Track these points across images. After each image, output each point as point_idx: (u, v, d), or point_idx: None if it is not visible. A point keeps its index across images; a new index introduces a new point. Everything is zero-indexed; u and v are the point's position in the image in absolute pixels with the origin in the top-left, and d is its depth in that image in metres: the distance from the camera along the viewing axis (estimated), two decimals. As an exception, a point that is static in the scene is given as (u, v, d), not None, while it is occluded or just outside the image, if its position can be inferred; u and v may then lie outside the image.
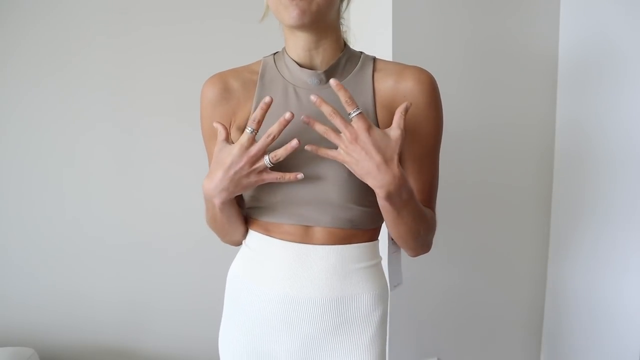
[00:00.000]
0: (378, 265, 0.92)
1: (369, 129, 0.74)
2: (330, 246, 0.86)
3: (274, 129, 0.77)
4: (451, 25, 1.44)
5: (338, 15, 0.87)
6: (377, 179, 0.75)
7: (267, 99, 0.78)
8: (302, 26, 0.79)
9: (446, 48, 1.44)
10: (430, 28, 1.42)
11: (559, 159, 1.59)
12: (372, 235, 0.91)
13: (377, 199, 0.80)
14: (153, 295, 1.71)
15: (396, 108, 0.84)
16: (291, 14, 0.77)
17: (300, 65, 0.86)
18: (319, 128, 0.76)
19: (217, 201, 0.83)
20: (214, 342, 0.99)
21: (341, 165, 0.81)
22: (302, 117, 0.76)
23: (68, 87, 1.56)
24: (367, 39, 1.48)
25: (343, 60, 0.86)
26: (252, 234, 0.92)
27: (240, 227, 0.93)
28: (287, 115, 0.76)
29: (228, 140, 0.81)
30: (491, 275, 1.60)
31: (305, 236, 0.87)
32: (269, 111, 0.84)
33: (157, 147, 1.65)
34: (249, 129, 0.78)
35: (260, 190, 0.86)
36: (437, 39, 1.43)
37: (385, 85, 0.86)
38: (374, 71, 0.87)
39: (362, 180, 0.78)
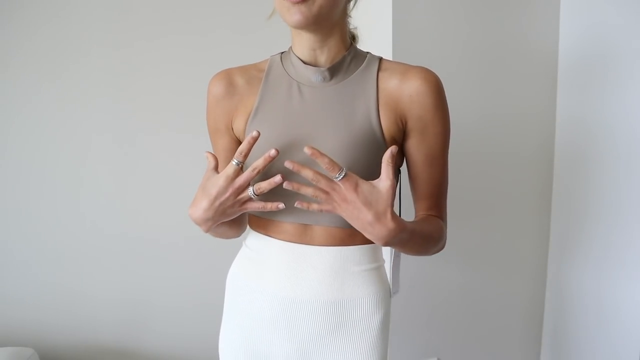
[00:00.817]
0: (380, 268, 0.91)
1: (356, 188, 0.73)
2: (329, 247, 0.86)
3: (259, 163, 0.77)
4: (451, 24, 1.44)
5: (344, 15, 0.87)
6: (373, 233, 0.75)
7: (254, 133, 0.78)
8: (303, 27, 0.81)
9: (446, 46, 1.44)
10: (430, 27, 1.42)
11: (559, 157, 1.59)
12: None
13: None
14: (154, 295, 1.70)
15: (400, 108, 0.85)
16: (292, 17, 0.78)
17: (306, 63, 0.87)
18: (307, 174, 0.73)
19: (204, 228, 0.84)
20: (214, 341, 0.99)
21: None
22: (286, 162, 0.73)
23: (71, 88, 1.57)
24: (367, 39, 1.48)
25: (348, 59, 0.87)
26: (252, 234, 0.93)
27: (236, 232, 0.95)
28: (272, 152, 0.76)
29: (217, 169, 0.81)
30: (491, 275, 1.60)
31: (304, 236, 0.87)
32: (271, 108, 0.83)
33: (158, 146, 1.65)
34: (235, 161, 0.78)
35: None
36: (437, 38, 1.43)
37: (390, 85, 0.86)
38: (379, 71, 0.87)
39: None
